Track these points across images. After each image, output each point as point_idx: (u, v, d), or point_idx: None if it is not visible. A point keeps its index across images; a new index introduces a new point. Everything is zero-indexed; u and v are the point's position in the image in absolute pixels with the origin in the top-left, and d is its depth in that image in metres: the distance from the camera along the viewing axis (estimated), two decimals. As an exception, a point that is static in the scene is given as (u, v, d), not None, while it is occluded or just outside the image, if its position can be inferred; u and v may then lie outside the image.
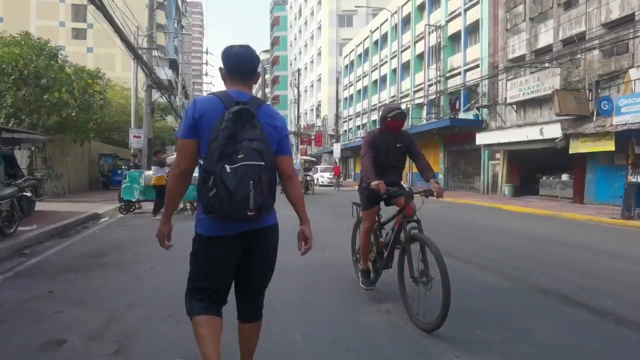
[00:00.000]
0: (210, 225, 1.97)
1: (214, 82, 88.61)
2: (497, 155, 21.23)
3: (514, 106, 19.42)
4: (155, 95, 22.16)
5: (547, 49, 17.69)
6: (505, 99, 19.88)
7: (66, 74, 16.31)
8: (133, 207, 11.64)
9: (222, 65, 2.08)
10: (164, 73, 61.51)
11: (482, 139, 20.51)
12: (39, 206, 11.12)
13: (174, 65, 59.45)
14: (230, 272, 2.06)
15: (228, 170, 1.79)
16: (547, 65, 17.21)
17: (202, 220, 2.00)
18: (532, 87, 17.71)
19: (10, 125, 14.73)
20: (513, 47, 19.70)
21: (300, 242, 2.17)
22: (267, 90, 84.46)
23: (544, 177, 18.40)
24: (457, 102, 24.44)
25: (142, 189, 11.31)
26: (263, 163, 1.85)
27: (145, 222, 9.79)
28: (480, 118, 22.01)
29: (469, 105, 23.09)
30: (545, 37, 17.78)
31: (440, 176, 25.90)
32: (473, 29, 23.76)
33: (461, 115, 23.29)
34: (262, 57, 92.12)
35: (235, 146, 1.82)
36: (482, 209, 14.56)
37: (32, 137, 12.84)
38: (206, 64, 51.44)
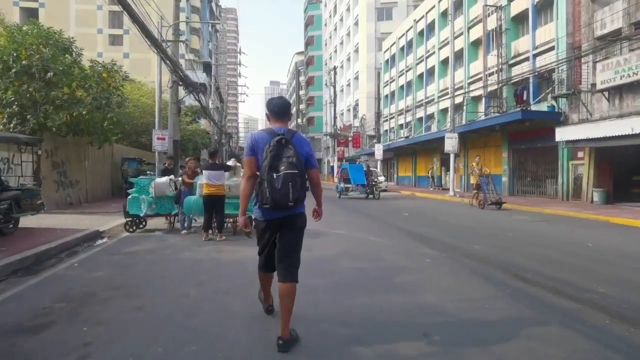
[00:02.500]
0: (264, 213, 3.20)
1: (247, 84, 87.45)
2: (580, 154, 17.68)
3: (606, 93, 15.89)
4: (182, 94, 20.02)
5: (656, 18, 14.12)
6: (592, 85, 16.38)
7: (80, 68, 14.30)
8: (142, 224, 9.22)
9: (267, 111, 3.35)
10: (197, 76, 60.68)
11: (563, 134, 17.02)
12: (32, 221, 8.94)
13: (208, 68, 58.14)
14: (270, 244, 3.34)
15: (274, 177, 3.02)
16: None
17: (258, 210, 3.24)
18: (635, 68, 14.20)
19: (12, 125, 12.79)
20: (602, 21, 16.17)
21: (314, 214, 3.47)
22: (302, 92, 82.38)
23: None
24: (525, 92, 20.97)
25: (153, 200, 8.87)
26: (297, 171, 3.06)
27: (152, 247, 7.29)
28: (557, 110, 18.50)
29: (543, 94, 19.58)
30: (651, 4, 14.23)
31: (504, 179, 22.44)
32: (543, 6, 20.27)
33: (532, 108, 19.81)
34: (296, 59, 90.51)
35: (279, 161, 3.05)
36: (587, 223, 11.25)
37: (24, 138, 10.70)
38: (239, 64, 49.68)
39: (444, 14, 29.60)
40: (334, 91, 46.52)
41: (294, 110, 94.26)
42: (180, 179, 9.31)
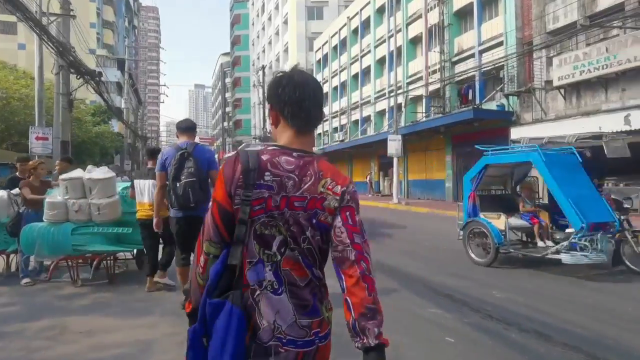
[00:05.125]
0: (175, 213, 3.98)
1: (171, 89, 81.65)
2: (532, 157, 16.45)
3: (562, 91, 14.71)
4: (86, 92, 15.94)
5: (616, 8, 13.07)
6: (547, 82, 15.20)
7: None
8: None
9: (176, 130, 4.27)
10: (106, 75, 54.41)
11: (519, 134, 15.64)
12: None
13: (123, 67, 52.24)
14: (183, 238, 4.04)
15: (177, 185, 3.85)
16: (627, 26, 12.54)
17: (172, 211, 4.02)
18: (596, 63, 13.01)
19: None
20: (555, 14, 15.04)
21: None
22: (228, 94, 78.13)
23: (614, 184, 13.45)
24: (470, 91, 19.65)
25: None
26: (195, 179, 3.84)
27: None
28: (507, 109, 17.23)
29: (493, 92, 18.26)
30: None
31: (448, 184, 20.96)
32: (489, 0, 19.11)
33: (480, 107, 18.44)
34: (222, 59, 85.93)
35: (181, 172, 3.87)
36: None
37: None
38: (159, 61, 45.00)
39: (380, 10, 28.00)
40: (264, 91, 43.48)
41: (219, 113, 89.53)
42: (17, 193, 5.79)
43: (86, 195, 5.17)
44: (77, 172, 5.38)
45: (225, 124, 78.93)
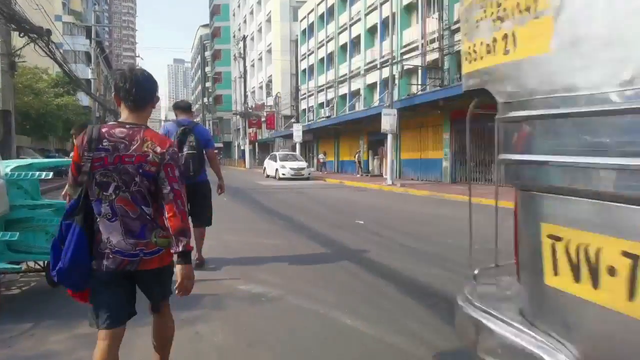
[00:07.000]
0: None
1: (148, 62, 78.01)
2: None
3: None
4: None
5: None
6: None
7: None
8: None
9: (175, 109, 4.90)
10: (81, 44, 50.50)
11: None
12: None
13: (91, 35, 48.49)
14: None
15: (180, 155, 3.96)
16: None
17: None
18: None
19: None
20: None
21: (218, 190, 4.96)
22: (208, 69, 74.62)
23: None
24: (472, 62, 17.84)
25: None
26: (195, 152, 4.49)
27: None
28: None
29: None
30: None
31: (445, 164, 19.34)
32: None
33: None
34: (201, 32, 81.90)
35: (183, 145, 4.41)
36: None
37: None
38: (135, 29, 41.77)
39: (371, -26, 25.72)
40: (244, 64, 40.91)
41: (199, 88, 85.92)
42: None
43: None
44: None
45: (205, 100, 75.69)
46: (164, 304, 2.11)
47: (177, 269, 1.93)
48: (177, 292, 1.95)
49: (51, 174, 3.67)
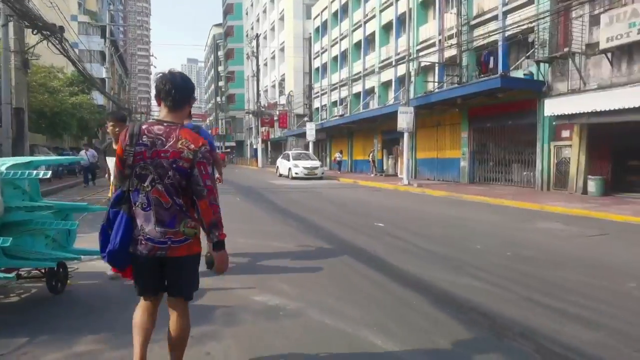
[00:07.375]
0: None
1: (162, 63, 78.19)
2: (565, 133, 14.32)
3: (609, 55, 12.43)
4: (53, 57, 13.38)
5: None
6: (588, 46, 12.89)
7: None
8: None
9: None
10: (96, 43, 50.79)
11: (554, 107, 13.42)
12: None
13: (105, 34, 48.73)
14: None
15: None
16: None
17: None
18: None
19: None
20: (604, -38, 12.60)
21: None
22: (221, 68, 74.65)
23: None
24: (491, 58, 17.30)
25: None
26: None
27: None
28: (536, 77, 14.94)
29: (522, 58, 15.87)
30: None
31: (463, 163, 18.81)
32: (517, -48, 16.53)
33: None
34: (214, 31, 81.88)
35: None
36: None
37: None
38: (149, 29, 41.85)
39: (386, -30, 25.21)
40: (257, 63, 40.65)
41: (212, 87, 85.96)
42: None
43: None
44: None
45: (218, 99, 75.72)
46: (181, 297, 2.21)
47: (213, 254, 2.12)
48: (216, 272, 2.20)
49: (49, 172, 3.37)
